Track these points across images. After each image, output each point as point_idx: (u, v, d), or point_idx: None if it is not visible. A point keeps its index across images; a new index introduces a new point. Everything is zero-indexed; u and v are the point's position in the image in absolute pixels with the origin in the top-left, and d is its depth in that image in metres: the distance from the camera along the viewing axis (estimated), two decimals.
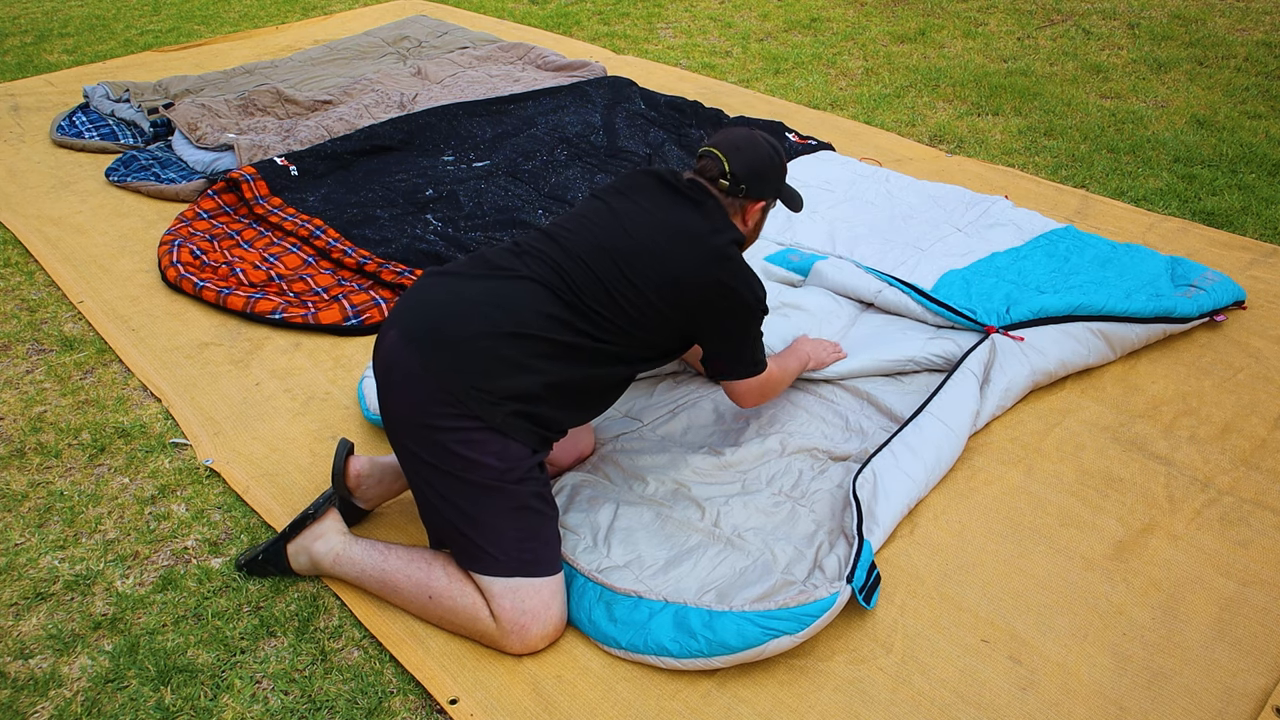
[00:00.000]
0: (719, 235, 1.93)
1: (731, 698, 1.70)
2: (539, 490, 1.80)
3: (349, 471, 2.07)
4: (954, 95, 4.43)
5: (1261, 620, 1.82)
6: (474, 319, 1.80)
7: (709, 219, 1.95)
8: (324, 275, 3.07)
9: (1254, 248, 3.06)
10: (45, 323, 2.98)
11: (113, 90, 4.44)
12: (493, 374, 1.76)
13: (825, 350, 2.44)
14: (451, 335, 1.79)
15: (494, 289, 1.85)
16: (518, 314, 1.81)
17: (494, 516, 1.76)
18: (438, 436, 1.76)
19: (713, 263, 1.90)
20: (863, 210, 3.25)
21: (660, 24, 5.73)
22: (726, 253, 1.92)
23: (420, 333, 1.80)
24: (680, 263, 1.88)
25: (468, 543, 1.78)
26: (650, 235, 1.91)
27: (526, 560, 1.76)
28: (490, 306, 1.82)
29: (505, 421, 1.76)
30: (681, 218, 1.94)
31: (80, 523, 2.19)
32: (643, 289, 1.87)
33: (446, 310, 1.82)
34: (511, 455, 1.77)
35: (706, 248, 1.90)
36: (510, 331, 1.79)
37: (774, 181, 2.05)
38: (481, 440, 1.75)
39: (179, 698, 1.76)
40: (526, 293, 1.84)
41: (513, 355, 1.78)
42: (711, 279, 1.89)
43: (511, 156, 3.78)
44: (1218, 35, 5.05)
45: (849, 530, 1.91)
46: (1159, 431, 2.31)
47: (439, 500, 1.79)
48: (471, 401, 1.75)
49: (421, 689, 1.75)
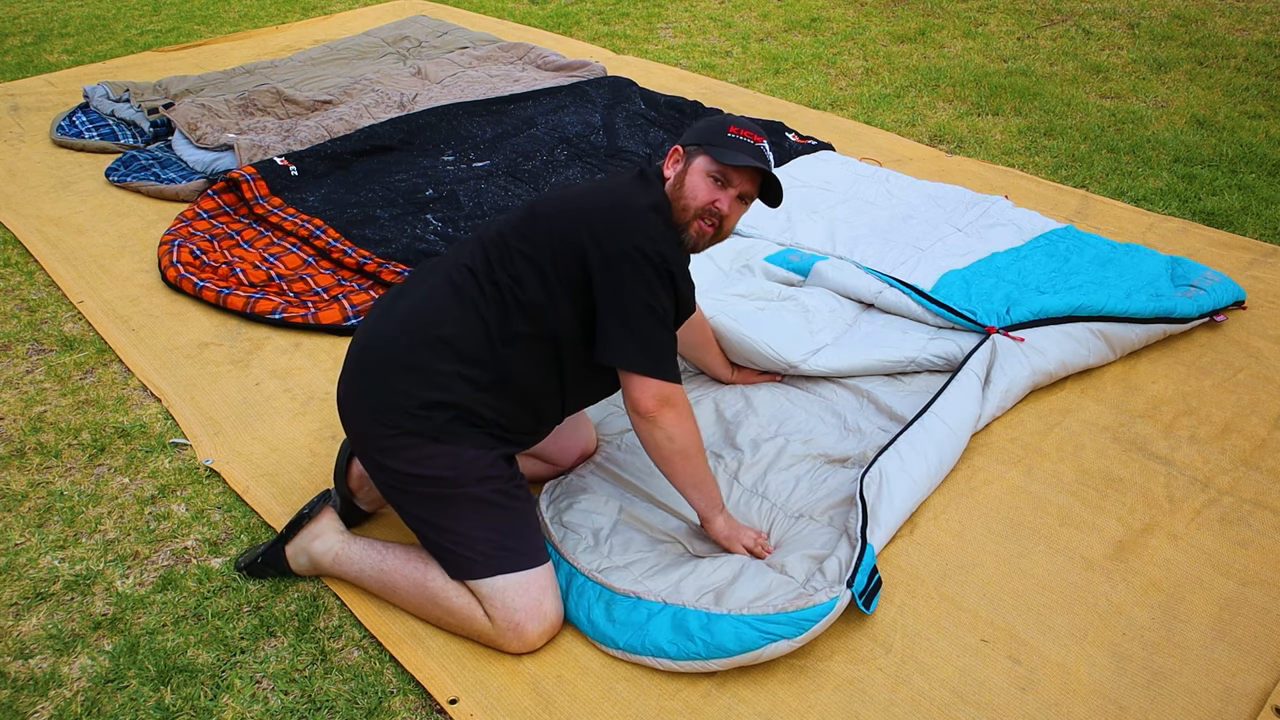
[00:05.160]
0: (636, 196, 1.85)
1: (731, 697, 1.70)
2: (501, 486, 1.79)
3: (352, 472, 2.07)
4: (954, 95, 4.43)
5: (1261, 620, 1.82)
6: (393, 335, 1.81)
7: (636, 184, 1.89)
8: (324, 275, 3.07)
9: (1254, 248, 3.06)
10: (45, 323, 2.98)
11: (113, 90, 4.44)
12: (412, 388, 1.76)
13: (745, 534, 1.96)
14: (375, 358, 1.81)
15: (420, 295, 1.85)
16: (434, 316, 1.80)
17: (460, 522, 1.77)
18: (387, 460, 1.78)
19: (613, 208, 1.82)
20: (863, 210, 3.25)
21: (660, 24, 5.73)
22: (630, 207, 1.81)
23: (351, 362, 1.85)
24: (585, 213, 1.82)
25: (446, 552, 1.79)
26: (572, 193, 1.88)
27: (503, 556, 1.76)
28: (409, 316, 1.82)
29: (445, 430, 1.76)
30: (611, 182, 1.90)
31: (80, 523, 2.19)
32: (544, 238, 1.81)
33: (372, 334, 1.85)
34: (463, 461, 1.76)
35: (614, 200, 1.84)
36: (425, 339, 1.78)
37: (697, 130, 1.90)
38: (429, 455, 1.75)
39: (179, 698, 1.76)
40: (445, 285, 1.83)
41: (430, 363, 1.77)
42: (604, 217, 1.80)
43: (511, 156, 3.78)
44: (1218, 35, 5.05)
45: (852, 532, 1.91)
46: (1159, 431, 2.31)
47: (409, 518, 1.83)
48: (403, 419, 1.75)
49: (421, 689, 1.75)
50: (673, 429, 1.80)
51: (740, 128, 1.88)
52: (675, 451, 1.83)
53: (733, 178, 1.87)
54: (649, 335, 1.78)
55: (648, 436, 1.83)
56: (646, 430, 1.82)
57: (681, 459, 1.84)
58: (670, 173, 1.92)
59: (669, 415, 1.79)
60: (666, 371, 1.79)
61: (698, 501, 1.91)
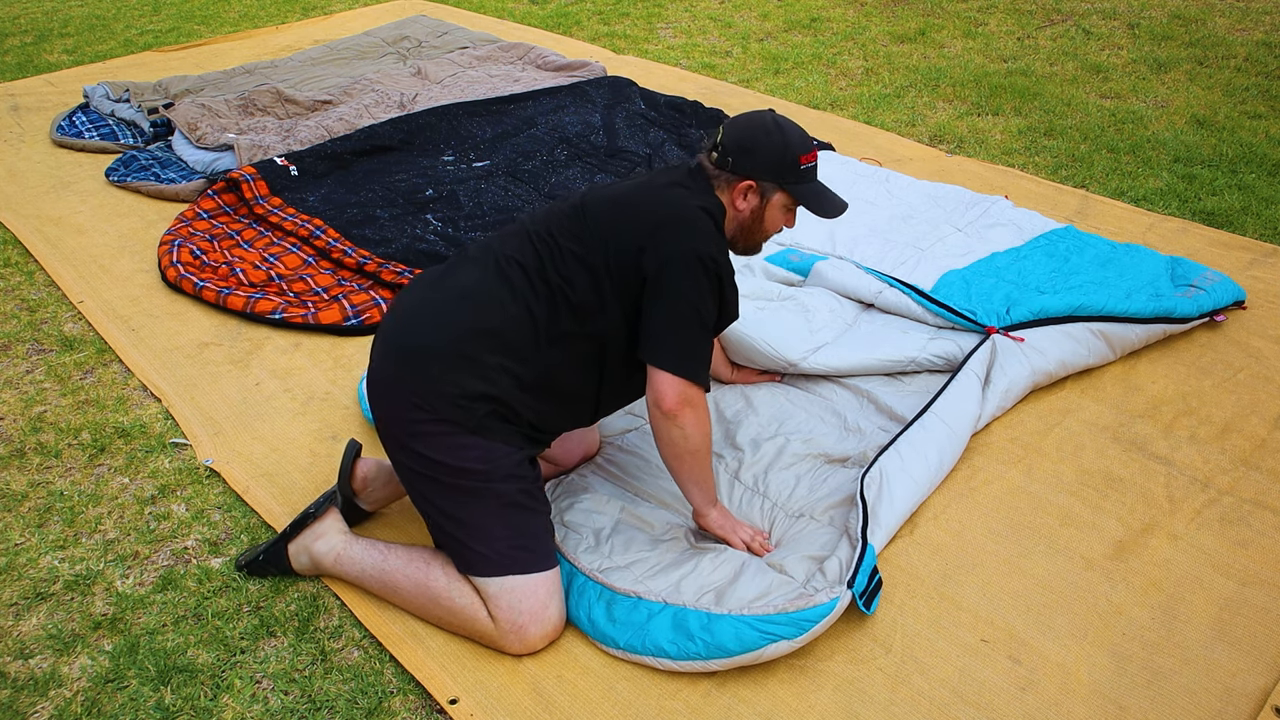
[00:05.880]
0: (689, 197, 1.85)
1: (731, 697, 1.70)
2: (526, 487, 1.80)
3: (356, 473, 2.07)
4: (954, 95, 4.43)
5: (1261, 620, 1.82)
6: (439, 321, 1.81)
7: (686, 185, 1.89)
8: (324, 275, 3.07)
9: (1254, 248, 3.06)
10: (45, 323, 2.98)
11: (113, 90, 4.44)
12: (459, 377, 1.76)
13: (742, 528, 1.99)
14: (419, 342, 1.80)
15: (469, 284, 1.84)
16: (486, 307, 1.80)
17: (482, 517, 1.76)
18: (420, 445, 1.77)
19: (667, 213, 1.82)
20: (863, 210, 3.25)
21: (660, 24, 5.73)
22: (684, 209, 1.82)
23: (392, 343, 1.83)
24: (640, 215, 1.83)
25: (459, 545, 1.79)
26: (620, 192, 1.88)
27: (517, 557, 1.76)
28: (455, 305, 1.82)
29: (482, 423, 1.76)
30: (659, 181, 1.90)
31: (80, 523, 2.19)
32: (597, 239, 1.82)
33: (415, 316, 1.84)
34: (495, 456, 1.76)
35: (667, 201, 1.84)
36: (472, 329, 1.78)
37: (763, 159, 1.86)
38: (464, 445, 1.75)
39: (179, 698, 1.76)
40: (496, 278, 1.83)
41: (475, 354, 1.77)
42: (660, 219, 1.81)
43: (511, 156, 3.78)
44: (1218, 35, 5.05)
45: (853, 532, 1.91)
46: (1159, 431, 2.31)
47: (429, 506, 1.82)
48: (445, 407, 1.75)
49: (421, 689, 1.75)
50: (690, 429, 1.82)
51: (805, 153, 1.88)
52: (687, 450, 1.85)
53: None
54: (688, 337, 1.81)
55: (664, 433, 1.84)
56: (664, 427, 1.83)
57: (691, 458, 1.87)
58: (744, 206, 1.90)
59: (689, 416, 1.81)
60: (698, 375, 1.81)
61: (696, 497, 1.93)
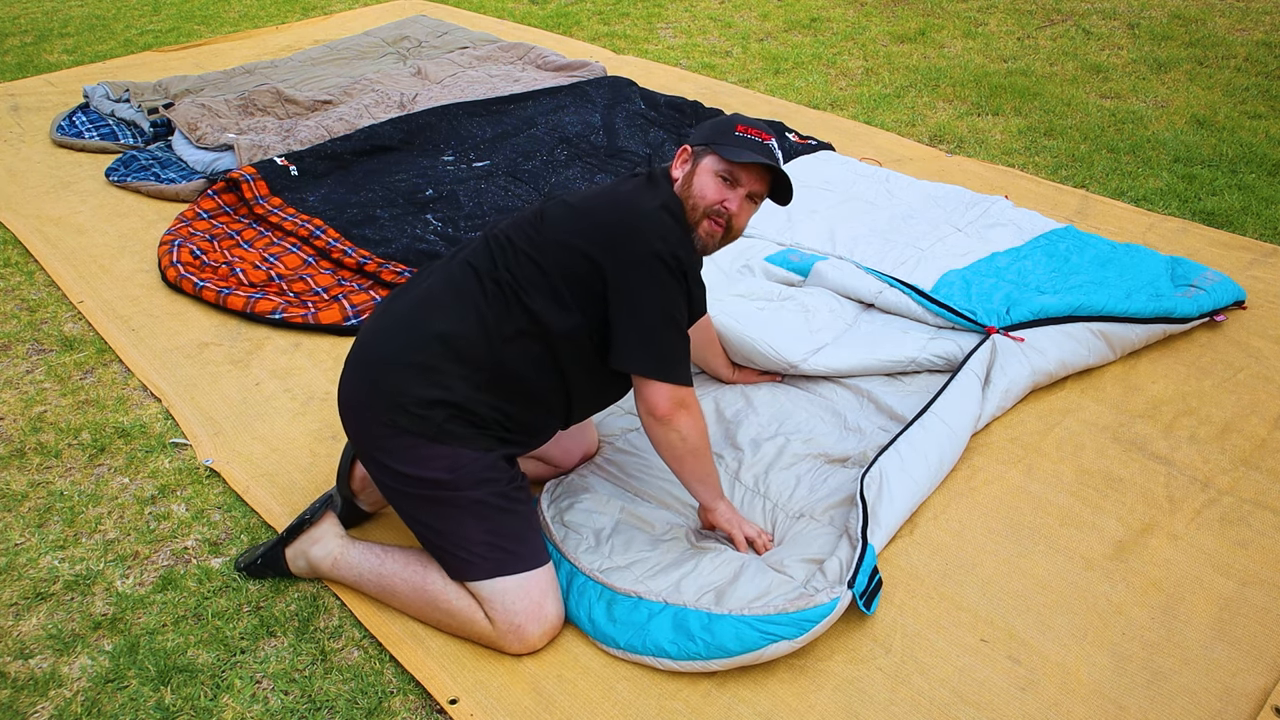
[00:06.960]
0: (648, 198, 1.83)
1: (731, 697, 1.70)
2: (500, 489, 1.78)
3: (355, 474, 2.07)
4: (954, 95, 4.43)
5: (1261, 620, 1.82)
6: (394, 333, 1.81)
7: (647, 187, 1.88)
8: (324, 275, 3.07)
9: (1254, 248, 3.06)
10: (45, 323, 2.98)
11: (113, 90, 4.44)
12: (412, 385, 1.75)
13: (748, 525, 1.98)
14: (375, 355, 1.80)
15: (418, 294, 1.85)
16: (432, 313, 1.80)
17: (457, 525, 1.76)
18: (387, 459, 1.77)
19: (622, 219, 1.80)
20: (863, 210, 3.25)
21: (660, 24, 5.73)
22: (640, 211, 1.80)
23: (351, 361, 1.85)
24: (595, 223, 1.81)
25: (444, 554, 1.79)
26: (581, 198, 1.88)
27: (502, 559, 1.76)
28: (408, 313, 1.82)
29: (444, 430, 1.75)
30: (623, 187, 1.90)
31: (80, 523, 2.19)
32: (551, 243, 1.81)
33: (372, 332, 1.85)
34: (462, 463, 1.75)
35: (624, 205, 1.83)
36: (423, 335, 1.78)
37: (704, 129, 1.89)
38: (429, 455, 1.75)
39: (179, 698, 1.76)
40: (444, 284, 1.83)
41: (427, 360, 1.76)
42: (617, 227, 1.79)
43: (511, 156, 3.78)
44: (1218, 35, 5.05)
45: (853, 532, 1.91)
46: (1159, 431, 2.31)
47: (407, 519, 1.83)
48: (402, 417, 1.74)
49: (421, 689, 1.75)
50: (686, 430, 1.82)
51: (748, 126, 1.87)
52: (688, 451, 1.85)
53: (741, 176, 1.86)
54: (664, 341, 1.79)
55: (661, 438, 1.84)
56: (661, 432, 1.83)
57: (693, 458, 1.86)
58: (678, 173, 1.90)
59: (683, 417, 1.81)
60: (680, 376, 1.80)
61: (703, 494, 1.93)
